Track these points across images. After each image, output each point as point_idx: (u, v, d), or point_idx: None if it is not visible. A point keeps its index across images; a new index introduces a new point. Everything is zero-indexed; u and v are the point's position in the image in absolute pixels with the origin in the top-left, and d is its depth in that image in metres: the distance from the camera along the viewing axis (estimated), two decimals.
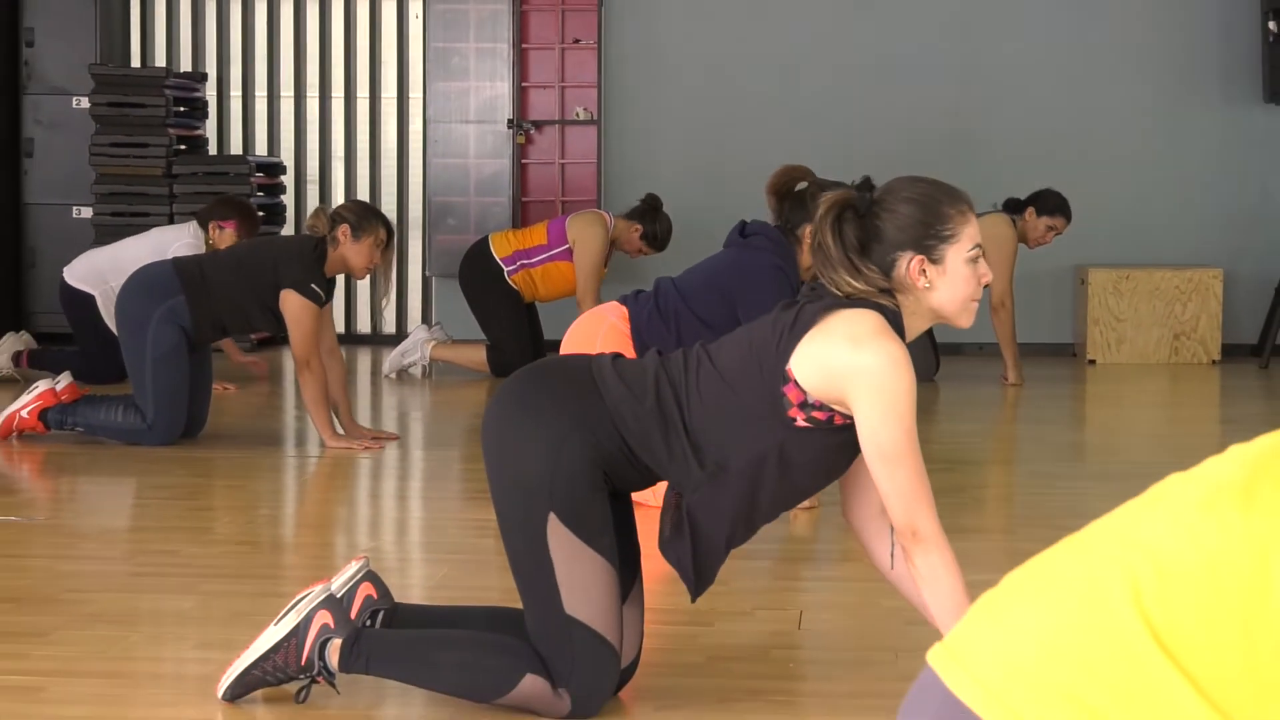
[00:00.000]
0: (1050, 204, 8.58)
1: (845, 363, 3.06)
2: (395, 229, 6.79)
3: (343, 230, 6.44)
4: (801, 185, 5.44)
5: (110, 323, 7.44)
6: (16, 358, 8.30)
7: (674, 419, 3.18)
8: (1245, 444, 1.44)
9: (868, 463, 3.11)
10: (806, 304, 3.17)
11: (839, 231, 3.13)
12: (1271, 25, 9.80)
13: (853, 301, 3.13)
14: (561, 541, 3.16)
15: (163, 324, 6.46)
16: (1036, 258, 9.03)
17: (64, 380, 6.68)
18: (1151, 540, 1.35)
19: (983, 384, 8.74)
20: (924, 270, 3.13)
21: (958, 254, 3.14)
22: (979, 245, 3.17)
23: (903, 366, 3.04)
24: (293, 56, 10.71)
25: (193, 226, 8.15)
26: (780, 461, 3.17)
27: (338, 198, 10.49)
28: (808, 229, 5.29)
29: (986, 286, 3.28)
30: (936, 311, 3.18)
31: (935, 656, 1.42)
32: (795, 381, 3.10)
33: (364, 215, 6.55)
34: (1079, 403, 8.54)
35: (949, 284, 3.15)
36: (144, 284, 6.61)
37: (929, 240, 3.13)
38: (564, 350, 5.28)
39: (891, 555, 3.25)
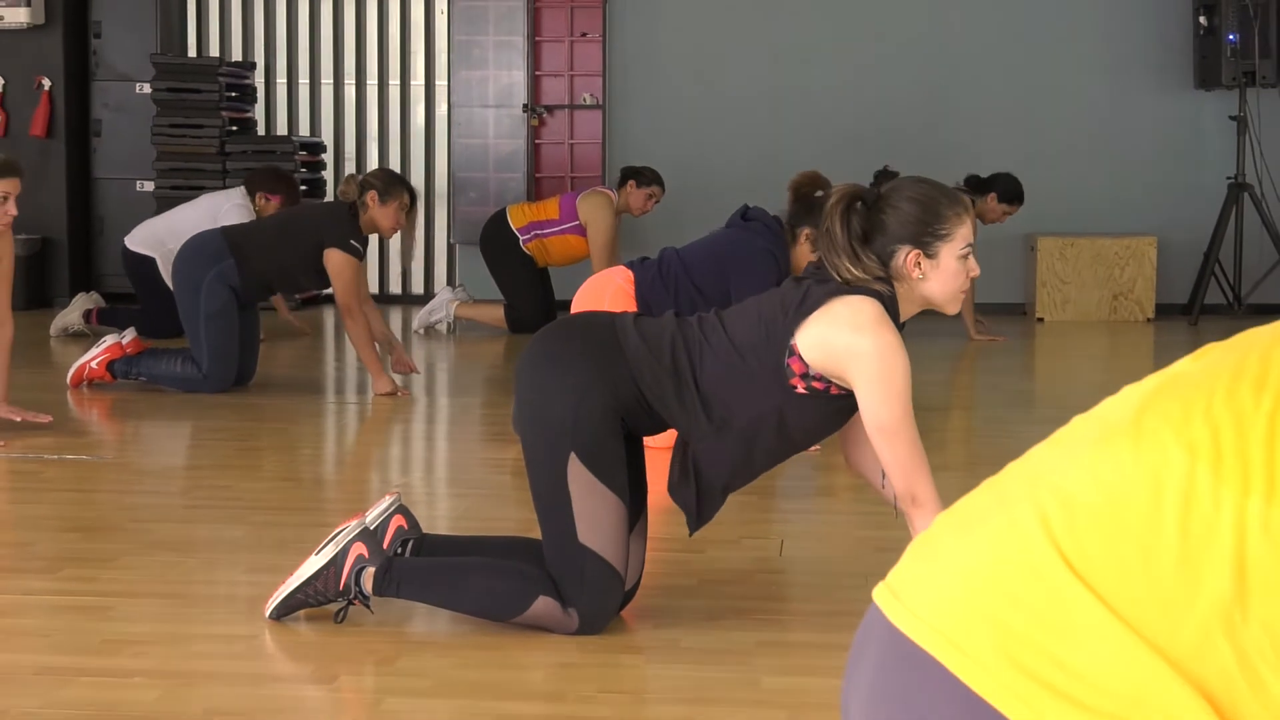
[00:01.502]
0: (1010, 192, 8.62)
1: (847, 346, 3.07)
2: (418, 194, 6.79)
3: (371, 195, 6.47)
4: (818, 193, 5.36)
5: (170, 282, 7.42)
6: (87, 315, 8.30)
7: (686, 376, 3.18)
8: (1136, 383, 1.43)
9: (869, 436, 3.13)
10: (813, 285, 3.16)
11: (846, 221, 3.12)
12: (1201, 20, 9.79)
13: (855, 289, 3.12)
14: (579, 478, 3.16)
15: (214, 285, 6.46)
16: (992, 227, 9.02)
17: (129, 335, 6.68)
18: (1056, 478, 1.34)
19: (943, 339, 8.72)
20: (919, 263, 3.13)
21: (951, 251, 3.13)
22: (971, 244, 3.17)
23: (898, 352, 3.07)
24: (332, 48, 10.69)
25: (240, 192, 8.15)
26: (779, 422, 3.18)
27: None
28: (806, 231, 5.29)
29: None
30: (927, 299, 3.19)
31: (878, 593, 1.42)
32: (799, 355, 3.11)
33: (389, 182, 6.58)
34: (1029, 356, 8.53)
35: (940, 277, 3.15)
36: (197, 249, 6.61)
37: (926, 237, 3.12)
38: (574, 308, 5.26)
39: (893, 502, 3.25)
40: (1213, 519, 1.24)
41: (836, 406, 3.17)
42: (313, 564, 3.29)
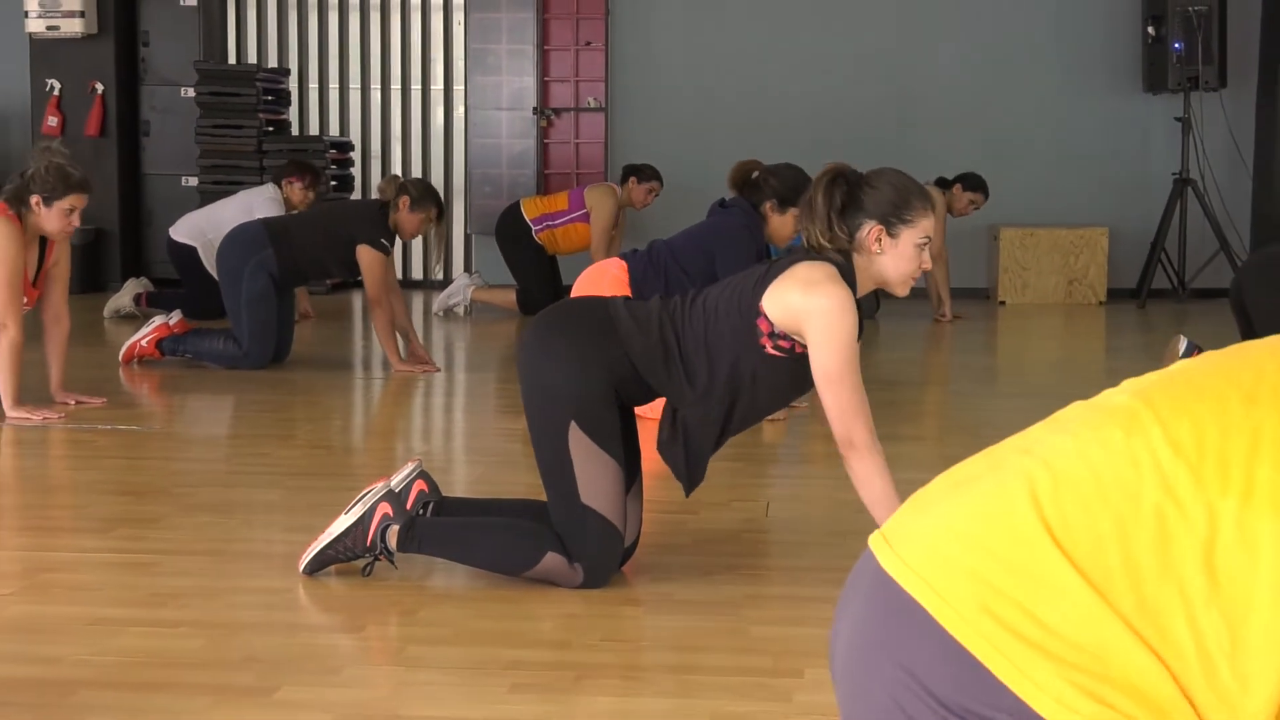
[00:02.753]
0: (973, 182, 8.77)
1: (801, 302, 3.10)
2: (445, 209, 6.79)
3: (404, 200, 6.47)
4: (755, 174, 5.46)
5: (211, 269, 7.42)
6: (137, 299, 8.29)
7: (672, 349, 3.20)
8: (1136, 378, 1.43)
9: (816, 384, 3.13)
10: (779, 260, 3.22)
11: (830, 193, 3.17)
12: (1150, 30, 9.78)
13: (814, 254, 3.17)
14: (580, 444, 3.17)
15: (255, 272, 6.46)
16: (960, 219, 9.03)
17: (175, 316, 6.68)
18: (1049, 453, 1.34)
19: (915, 320, 8.73)
20: (880, 239, 3.16)
21: (911, 237, 3.17)
22: (929, 237, 3.20)
23: (846, 308, 3.09)
24: (360, 55, 10.67)
25: (270, 187, 8.18)
26: (754, 382, 3.19)
27: (395, 170, 10.50)
28: (768, 205, 5.40)
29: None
30: (880, 277, 3.21)
31: (873, 540, 1.42)
32: (765, 316, 3.13)
33: (423, 193, 6.57)
34: (992, 336, 8.52)
35: (895, 257, 3.18)
36: (240, 240, 6.61)
37: (893, 218, 3.16)
38: (575, 294, 5.28)
39: None
40: (1188, 512, 1.24)
41: (803, 367, 3.17)
42: (342, 523, 3.30)
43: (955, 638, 1.27)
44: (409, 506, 3.31)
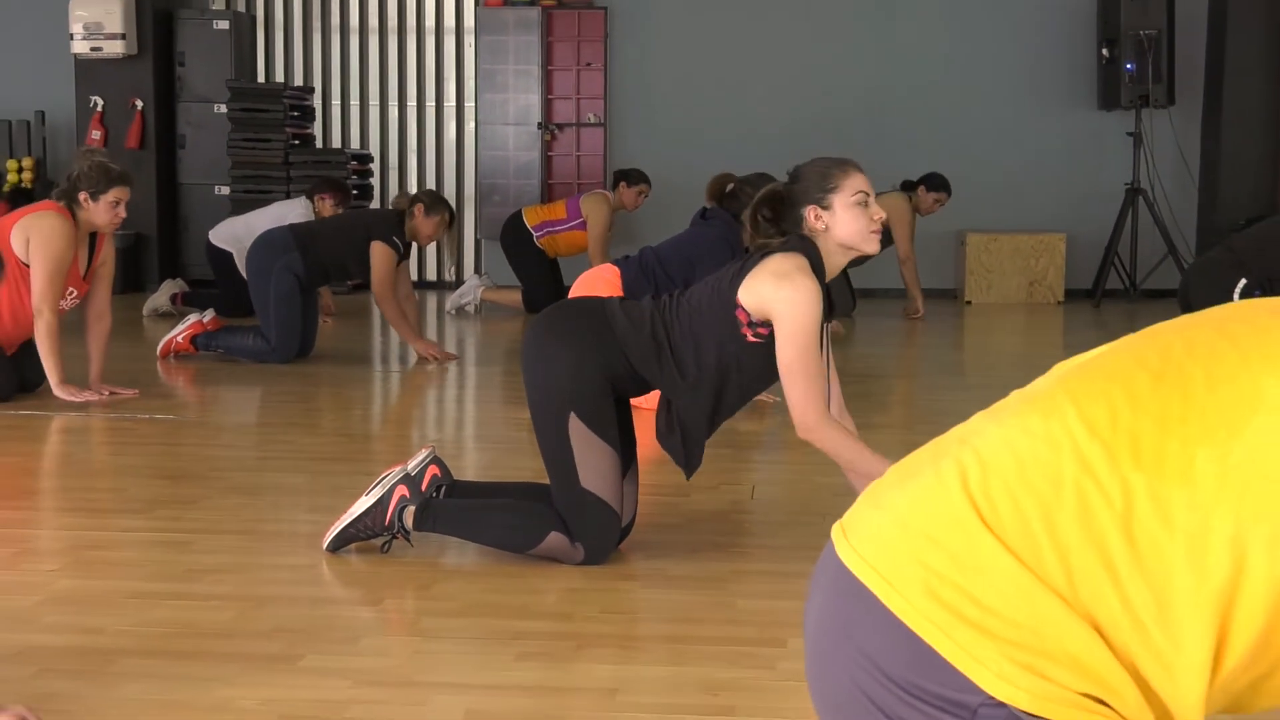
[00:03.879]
0: (936, 182, 8.76)
1: (770, 293, 3.13)
2: (457, 214, 6.83)
3: (418, 208, 6.51)
4: (730, 186, 5.61)
5: (244, 272, 7.40)
6: (173, 298, 8.27)
7: (663, 344, 3.21)
8: (1064, 361, 1.43)
9: (779, 369, 3.15)
10: (753, 255, 3.24)
11: (755, 217, 3.29)
12: (1104, 51, 9.78)
13: (786, 246, 3.20)
14: (579, 433, 3.17)
15: (282, 273, 6.45)
16: (928, 224, 9.04)
17: (209, 314, 6.68)
18: (980, 443, 1.33)
19: (889, 318, 8.73)
20: (818, 216, 3.21)
21: (843, 200, 3.21)
22: (864, 191, 3.24)
23: (810, 300, 3.11)
24: (379, 74, 10.64)
25: (303, 200, 8.18)
26: (738, 370, 3.21)
27: (412, 181, 10.51)
28: (746, 214, 5.42)
29: (895, 247, 3.32)
30: (842, 244, 3.24)
31: (834, 530, 1.42)
32: (742, 306, 3.16)
33: (435, 201, 6.63)
34: (959, 332, 8.52)
35: (840, 222, 3.21)
36: (267, 243, 6.60)
37: (818, 194, 3.22)
38: (572, 295, 5.30)
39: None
40: (1105, 487, 1.23)
41: None
42: (362, 504, 3.29)
43: (904, 621, 1.27)
44: (424, 489, 3.31)
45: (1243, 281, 5.99)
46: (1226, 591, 1.19)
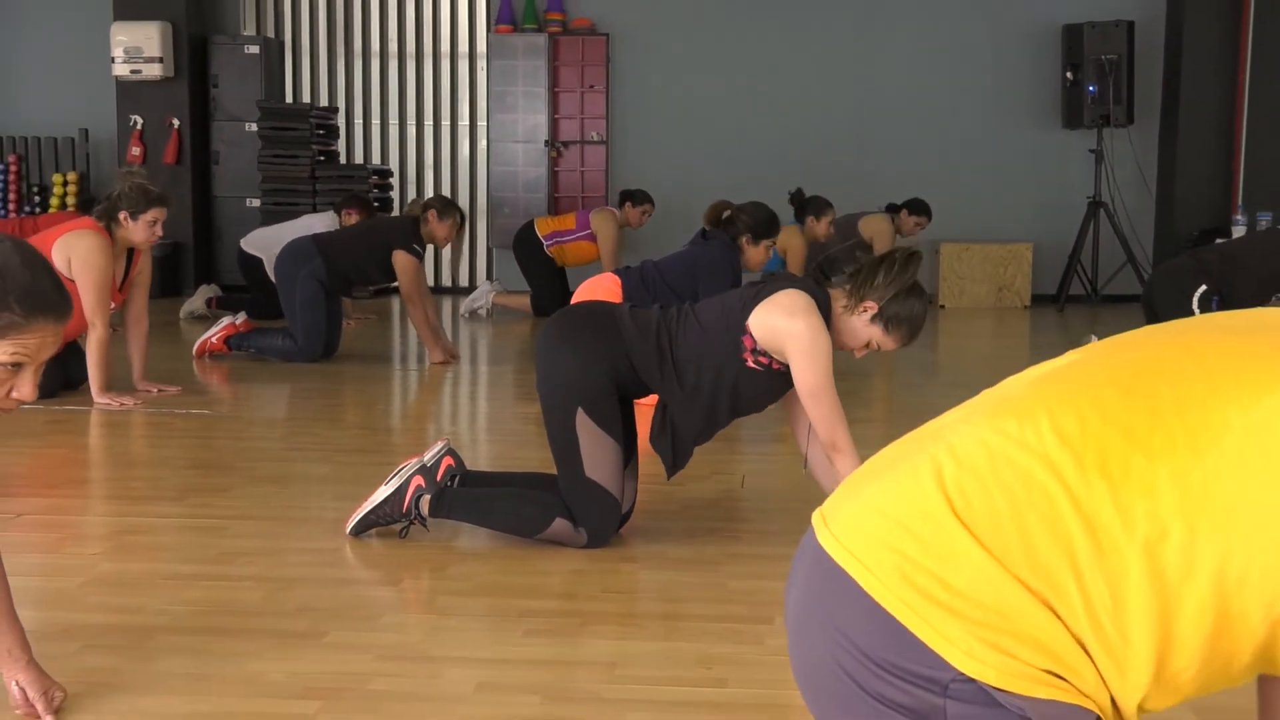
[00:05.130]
0: (918, 207, 8.85)
1: (785, 327, 3.11)
2: (467, 216, 6.84)
3: (431, 213, 6.51)
4: (727, 213, 5.72)
5: (274, 278, 7.41)
6: (208, 302, 8.27)
7: (666, 354, 3.20)
8: (1037, 365, 1.42)
9: (800, 398, 3.14)
10: (765, 285, 3.22)
11: (841, 263, 3.33)
12: (1068, 75, 9.78)
13: (796, 282, 3.17)
14: (586, 428, 3.17)
15: (307, 279, 6.44)
16: (908, 238, 9.02)
17: (241, 316, 6.67)
18: (955, 439, 1.33)
19: None
20: (861, 308, 3.19)
21: (886, 330, 3.21)
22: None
23: (822, 333, 3.11)
24: (398, 96, 10.64)
25: (330, 214, 8.15)
26: (733, 389, 3.20)
27: (429, 194, 10.49)
28: (744, 238, 5.66)
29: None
30: (842, 336, 3.22)
31: (815, 517, 1.42)
32: (750, 334, 3.14)
33: (446, 204, 6.62)
34: (934, 335, 8.51)
35: (862, 334, 3.22)
36: (294, 251, 6.59)
37: (875, 301, 3.18)
38: (575, 300, 5.30)
39: (805, 458, 3.31)
40: (1074, 493, 1.23)
41: (776, 381, 3.19)
42: (382, 492, 3.29)
43: (879, 603, 1.27)
44: (439, 478, 3.31)
45: (1203, 287, 6.02)
46: (1174, 596, 1.19)
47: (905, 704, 1.24)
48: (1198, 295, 5.98)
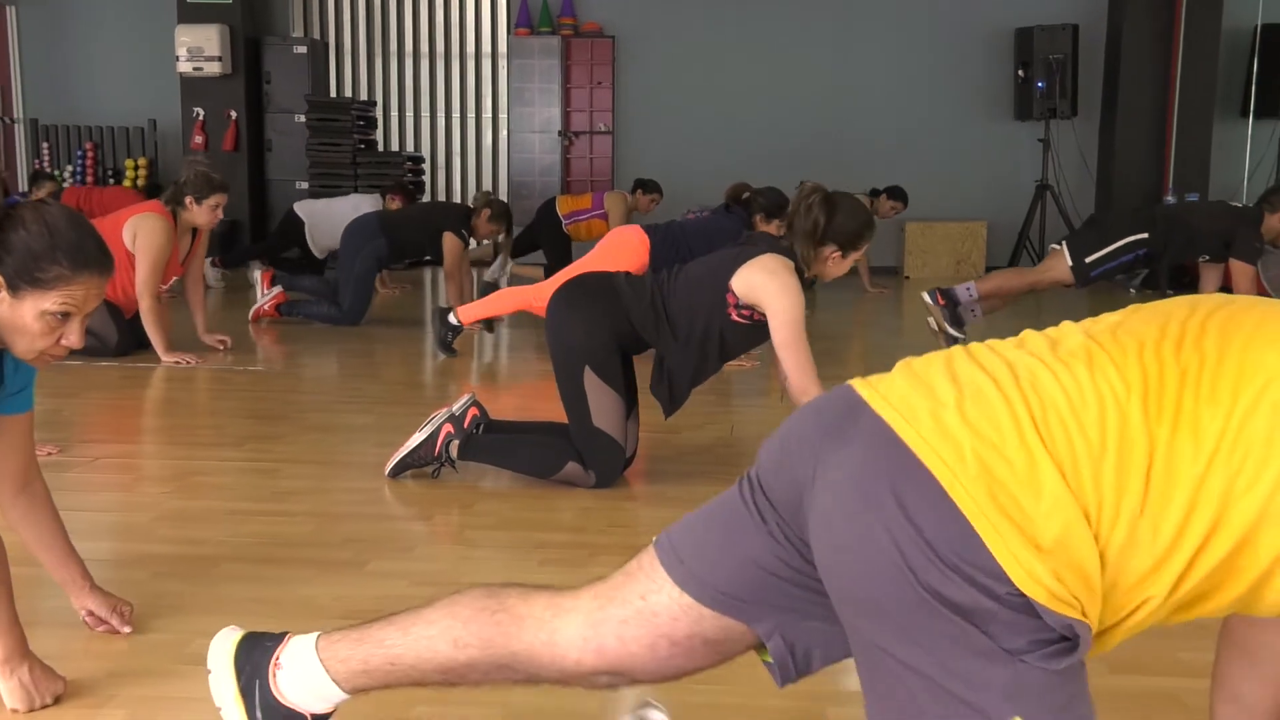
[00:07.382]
0: (897, 194, 8.80)
1: (762, 284, 3.11)
2: (513, 224, 6.85)
3: (485, 212, 6.58)
4: (745, 194, 5.81)
5: (311, 244, 7.48)
6: (261, 275, 8.22)
7: (660, 312, 3.20)
8: (1076, 323, 1.38)
9: (775, 348, 3.12)
10: (747, 246, 3.21)
11: (797, 213, 3.18)
12: (1020, 72, 9.72)
13: (774, 247, 3.16)
14: (592, 383, 3.17)
15: (368, 255, 6.47)
16: (884, 221, 8.98)
17: (258, 270, 6.78)
18: (1035, 381, 1.28)
19: (844, 291, 8.70)
20: (831, 257, 3.19)
21: (854, 256, 3.23)
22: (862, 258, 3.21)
23: (797, 291, 3.11)
24: (429, 91, 10.58)
25: (375, 196, 8.14)
26: (720, 338, 3.20)
27: (456, 178, 10.48)
28: (758, 216, 5.67)
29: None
30: (823, 277, 3.25)
31: (863, 390, 1.34)
32: (732, 290, 3.14)
33: (501, 212, 6.69)
34: (900, 302, 8.49)
35: (837, 269, 3.22)
36: (361, 227, 6.59)
37: (845, 243, 3.18)
38: (601, 253, 5.23)
39: (781, 392, 3.27)
40: (1138, 438, 1.21)
41: (756, 329, 3.19)
42: (416, 438, 3.29)
43: (963, 512, 1.21)
44: (465, 426, 3.30)
45: (1144, 234, 5.32)
46: (1207, 529, 1.19)
47: (960, 602, 1.20)
48: (1126, 241, 5.33)
